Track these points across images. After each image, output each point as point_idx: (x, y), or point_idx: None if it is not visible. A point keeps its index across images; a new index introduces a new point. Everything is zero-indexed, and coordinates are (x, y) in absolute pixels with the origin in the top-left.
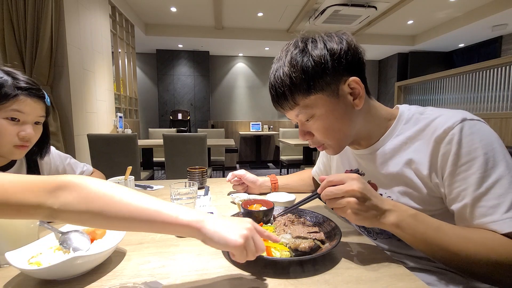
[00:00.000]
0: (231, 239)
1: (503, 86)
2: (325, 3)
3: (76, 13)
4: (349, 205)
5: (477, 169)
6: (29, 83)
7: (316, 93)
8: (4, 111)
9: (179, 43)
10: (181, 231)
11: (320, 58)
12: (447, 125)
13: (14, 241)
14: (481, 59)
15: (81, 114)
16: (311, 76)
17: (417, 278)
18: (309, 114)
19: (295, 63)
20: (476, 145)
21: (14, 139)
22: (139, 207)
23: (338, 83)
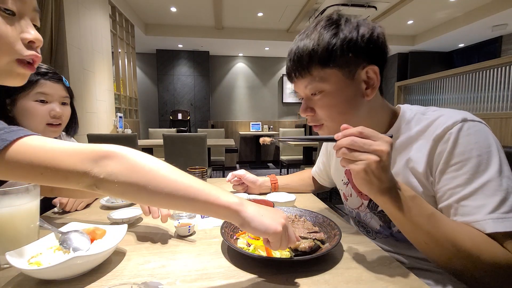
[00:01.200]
0: (272, 225)
1: (503, 86)
2: (325, 3)
3: (76, 13)
4: (368, 164)
5: (468, 170)
6: (46, 69)
7: (333, 68)
8: (31, 96)
9: (179, 43)
10: (220, 212)
11: (348, 35)
12: (446, 124)
13: (14, 241)
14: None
15: (81, 114)
16: (334, 50)
17: (417, 278)
18: (319, 88)
19: (323, 33)
20: (471, 146)
21: (46, 117)
22: (183, 184)
23: (357, 66)
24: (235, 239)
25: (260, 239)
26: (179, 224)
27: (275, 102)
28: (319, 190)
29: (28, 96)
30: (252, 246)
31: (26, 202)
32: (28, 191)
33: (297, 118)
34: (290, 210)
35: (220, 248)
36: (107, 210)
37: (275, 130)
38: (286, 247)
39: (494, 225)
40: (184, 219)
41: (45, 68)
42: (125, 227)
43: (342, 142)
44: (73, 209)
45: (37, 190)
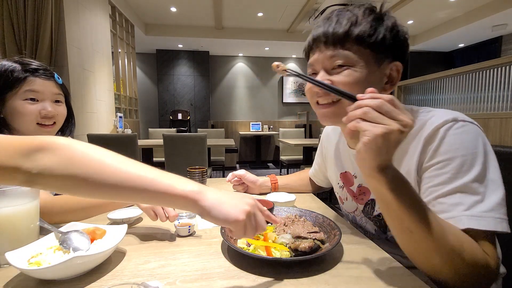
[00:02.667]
0: (232, 213)
1: (503, 86)
2: (325, 3)
3: (76, 13)
4: (390, 130)
5: (450, 169)
6: (37, 66)
7: (368, 48)
8: (20, 94)
9: (179, 43)
10: (175, 202)
11: (390, 25)
12: (436, 123)
13: (14, 241)
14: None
15: (81, 114)
16: (377, 32)
17: (417, 278)
18: (347, 60)
19: (371, 11)
20: (457, 145)
21: (36, 117)
22: (131, 174)
23: (386, 58)
24: (235, 239)
25: (260, 239)
26: (179, 224)
27: (275, 102)
28: (319, 190)
29: (17, 95)
30: (252, 246)
31: (26, 202)
32: (28, 191)
33: (297, 118)
34: (290, 210)
35: (220, 248)
36: None
37: (275, 130)
38: (252, 236)
39: (469, 221)
40: (184, 219)
41: (36, 64)
42: (125, 227)
43: (368, 102)
44: None
45: (37, 190)
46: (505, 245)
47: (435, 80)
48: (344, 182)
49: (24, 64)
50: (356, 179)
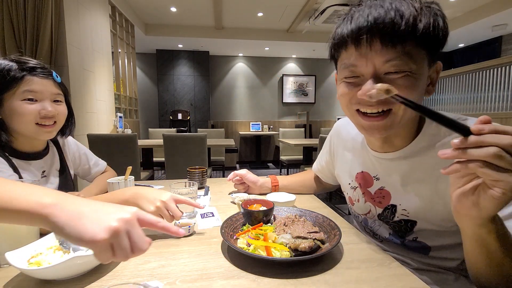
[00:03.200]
0: (89, 231)
1: (503, 86)
2: (325, 3)
3: (76, 13)
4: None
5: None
6: (34, 64)
7: (426, 52)
8: (18, 94)
9: (179, 43)
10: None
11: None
12: None
13: (14, 241)
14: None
15: (81, 114)
16: (438, 29)
17: (417, 278)
18: (407, 66)
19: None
20: None
21: (36, 117)
22: None
23: (433, 58)
24: (235, 239)
25: (260, 239)
26: (179, 224)
27: (275, 102)
28: (321, 191)
29: (15, 95)
30: (252, 246)
31: None
32: None
33: (297, 118)
34: (290, 210)
35: (220, 248)
36: None
37: (275, 130)
38: (126, 259)
39: None
40: (184, 219)
41: (33, 63)
42: None
43: (496, 139)
44: None
45: None
46: None
47: None
48: (360, 183)
49: (21, 63)
50: (377, 181)
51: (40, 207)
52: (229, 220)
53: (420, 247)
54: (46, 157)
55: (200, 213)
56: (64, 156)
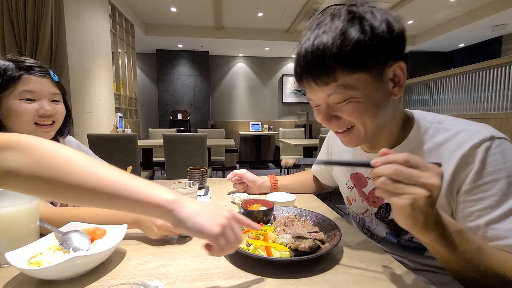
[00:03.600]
0: (207, 225)
1: (503, 86)
2: (325, 3)
3: (76, 13)
4: (416, 199)
5: (497, 191)
6: (32, 63)
7: (362, 73)
8: (16, 94)
9: (179, 43)
10: (151, 211)
11: (379, 32)
12: (474, 142)
13: (14, 241)
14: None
15: (81, 114)
16: (364, 52)
17: (417, 278)
18: (346, 96)
19: (347, 32)
20: (500, 166)
21: (34, 117)
22: (106, 178)
23: (386, 64)
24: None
25: (260, 239)
26: None
27: (275, 102)
28: (320, 191)
29: (12, 94)
30: (252, 246)
31: (26, 202)
32: None
33: (297, 118)
34: (290, 210)
35: None
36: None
37: (275, 130)
38: (232, 250)
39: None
40: None
41: (30, 62)
42: (125, 227)
43: (383, 171)
44: None
45: None
46: None
47: (435, 80)
48: (354, 183)
49: (18, 62)
50: (370, 180)
51: (168, 203)
52: None
53: (415, 247)
54: None
55: None
56: None
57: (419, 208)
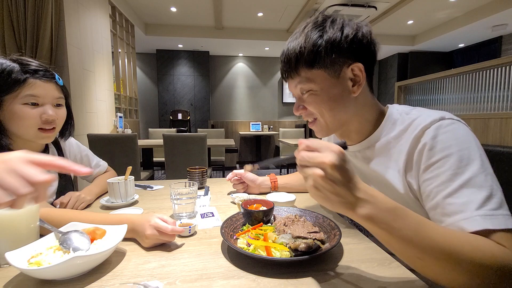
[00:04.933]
0: None
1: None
2: (325, 3)
3: (76, 13)
4: (313, 177)
5: (450, 166)
6: (37, 66)
7: (319, 69)
8: (20, 98)
9: (179, 43)
10: None
11: (332, 37)
12: (424, 123)
13: (14, 241)
14: (481, 59)
15: (81, 114)
16: (319, 51)
17: (417, 278)
18: (307, 88)
19: (309, 35)
20: (451, 142)
21: (37, 122)
22: None
23: (342, 65)
24: (235, 239)
25: (260, 239)
26: (180, 224)
27: (275, 102)
28: None
29: (17, 98)
30: (252, 246)
31: None
32: None
33: (297, 118)
34: (290, 210)
35: (220, 248)
36: (107, 210)
37: (275, 130)
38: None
39: (483, 222)
40: (185, 219)
41: (36, 65)
42: (125, 227)
43: (297, 161)
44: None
45: None
46: None
47: (435, 80)
48: None
49: (24, 64)
50: None
51: None
52: (229, 220)
53: None
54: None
55: (200, 213)
56: (64, 157)
57: (322, 186)
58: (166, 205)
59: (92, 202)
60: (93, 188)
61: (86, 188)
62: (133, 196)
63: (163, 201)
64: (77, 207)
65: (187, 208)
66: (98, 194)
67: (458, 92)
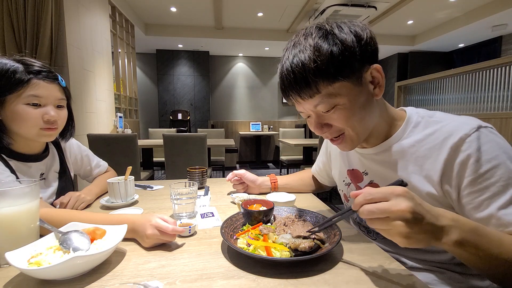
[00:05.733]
0: None
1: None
2: (325, 3)
3: (76, 13)
4: (397, 229)
5: (500, 177)
6: (40, 67)
7: (342, 81)
8: (23, 98)
9: (179, 43)
10: None
11: (348, 43)
12: (463, 132)
13: (14, 241)
14: (481, 59)
15: (81, 114)
16: (339, 62)
17: (417, 278)
18: (331, 104)
19: (320, 47)
20: (497, 152)
21: (39, 122)
22: None
23: (362, 70)
24: (235, 239)
25: (260, 239)
26: (180, 224)
27: (275, 102)
28: (319, 190)
29: (19, 98)
30: (252, 246)
31: (26, 202)
32: (28, 191)
33: (297, 118)
34: (290, 210)
35: (220, 248)
36: (107, 210)
37: (275, 130)
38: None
39: None
40: (185, 219)
41: (39, 66)
42: (125, 227)
43: (362, 214)
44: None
45: (37, 190)
46: None
47: (435, 80)
48: (351, 179)
49: (27, 65)
50: (366, 176)
51: None
52: (229, 220)
53: None
54: (46, 159)
55: (200, 213)
56: (64, 158)
57: (408, 233)
58: (166, 205)
59: (92, 202)
60: (93, 188)
61: (86, 188)
62: (133, 196)
63: (163, 201)
64: (77, 207)
65: (187, 208)
66: (98, 194)
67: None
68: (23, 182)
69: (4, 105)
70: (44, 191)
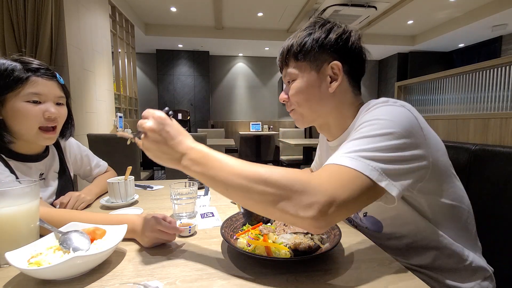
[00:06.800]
0: None
1: (503, 86)
2: (325, 3)
3: (76, 13)
4: (142, 141)
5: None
6: (38, 65)
7: (303, 61)
8: (22, 96)
9: (179, 43)
10: None
11: (318, 36)
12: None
13: (14, 241)
14: (481, 59)
15: (81, 114)
16: (306, 46)
17: (417, 278)
18: (292, 77)
19: (302, 34)
20: (377, 115)
21: (40, 119)
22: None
23: (324, 62)
24: (235, 239)
25: (260, 239)
26: (180, 224)
27: (275, 102)
28: None
29: (19, 96)
30: (252, 246)
31: (26, 202)
32: (28, 191)
33: None
34: None
35: (220, 248)
36: (107, 210)
37: (275, 130)
38: None
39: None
40: (185, 219)
41: (37, 64)
42: (125, 227)
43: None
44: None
45: (37, 190)
46: (491, 244)
47: (435, 80)
48: None
49: (25, 63)
50: None
51: None
52: (229, 220)
53: (374, 223)
54: (46, 159)
55: (200, 213)
56: (64, 157)
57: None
58: (166, 205)
59: (92, 202)
60: (93, 188)
61: (86, 188)
62: (133, 196)
63: (163, 201)
64: (77, 207)
65: (187, 208)
66: (98, 194)
67: (458, 92)
68: (23, 182)
69: (4, 104)
70: (43, 191)
